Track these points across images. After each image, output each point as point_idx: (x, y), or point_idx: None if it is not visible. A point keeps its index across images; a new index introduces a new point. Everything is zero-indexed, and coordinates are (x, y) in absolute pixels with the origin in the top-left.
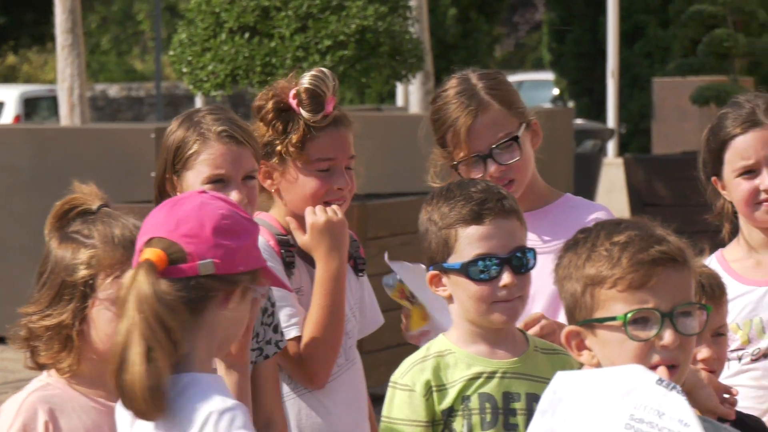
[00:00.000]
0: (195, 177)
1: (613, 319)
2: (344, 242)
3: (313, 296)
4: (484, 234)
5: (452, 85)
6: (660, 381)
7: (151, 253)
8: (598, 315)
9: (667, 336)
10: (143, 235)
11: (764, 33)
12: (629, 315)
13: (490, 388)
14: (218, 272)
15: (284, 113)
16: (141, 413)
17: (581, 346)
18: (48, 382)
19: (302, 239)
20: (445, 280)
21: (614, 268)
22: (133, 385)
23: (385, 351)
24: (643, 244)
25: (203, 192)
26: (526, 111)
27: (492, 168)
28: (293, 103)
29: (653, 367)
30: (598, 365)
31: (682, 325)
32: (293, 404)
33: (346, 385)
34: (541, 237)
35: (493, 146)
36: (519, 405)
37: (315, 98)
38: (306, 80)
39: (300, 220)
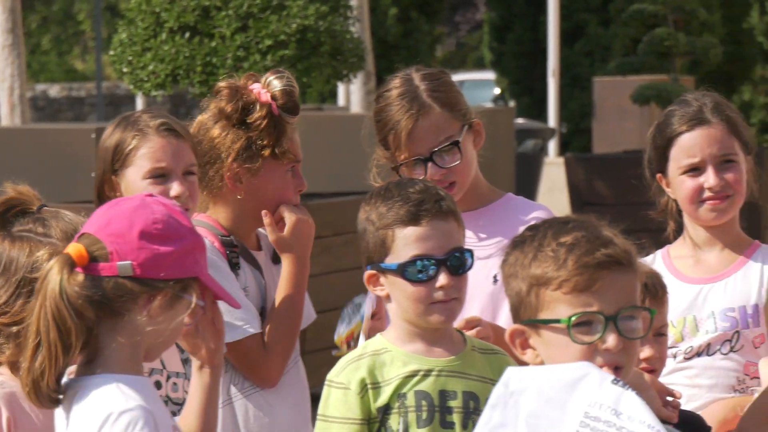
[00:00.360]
0: (135, 173)
1: (558, 321)
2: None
3: (280, 293)
4: (421, 235)
5: (395, 85)
6: (616, 381)
7: (73, 248)
8: (543, 316)
9: (611, 340)
10: (82, 231)
11: (705, 32)
12: (573, 318)
13: (426, 385)
14: (138, 275)
15: (272, 117)
16: (33, 403)
17: (525, 345)
18: (2, 380)
19: (278, 236)
20: (382, 279)
21: (560, 269)
22: (22, 376)
23: (327, 351)
24: (590, 247)
25: (150, 195)
26: (469, 112)
27: (432, 171)
28: (273, 105)
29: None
30: (542, 365)
31: (626, 329)
32: (240, 405)
33: (291, 383)
34: (479, 236)
35: (434, 150)
36: (455, 403)
37: (292, 99)
38: (277, 83)
39: (238, 223)
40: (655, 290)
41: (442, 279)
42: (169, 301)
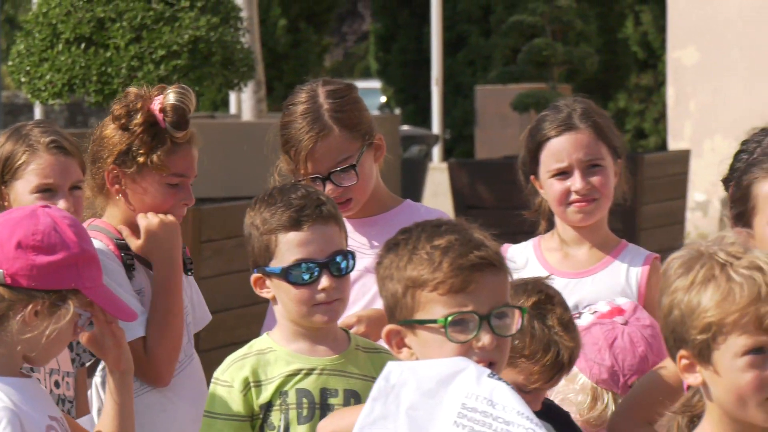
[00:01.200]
0: (24, 186)
1: (434, 321)
2: (177, 244)
3: (153, 297)
4: (303, 240)
5: (300, 100)
6: (492, 374)
7: None
8: (419, 316)
9: (485, 338)
10: None
11: (581, 42)
12: (450, 318)
13: (307, 384)
14: (9, 284)
15: (152, 126)
16: None
17: (401, 344)
18: None
19: (136, 244)
20: (268, 282)
21: (435, 272)
22: None
23: (222, 349)
24: (463, 250)
25: (45, 206)
26: (371, 129)
27: (330, 189)
28: (159, 117)
29: None
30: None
31: (499, 327)
32: (137, 403)
33: (187, 380)
34: (372, 243)
35: (332, 170)
36: (336, 401)
37: (181, 115)
38: (172, 96)
39: (132, 226)
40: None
41: (324, 281)
42: (48, 309)
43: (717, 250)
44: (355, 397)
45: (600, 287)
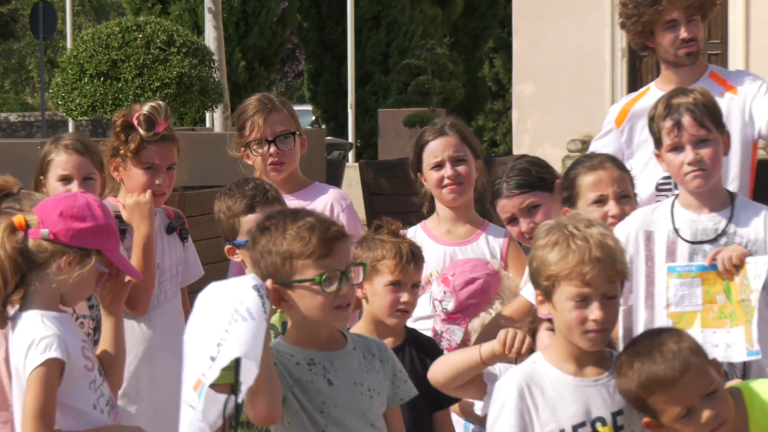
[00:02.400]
0: (52, 175)
1: (312, 280)
2: (150, 215)
3: (132, 251)
4: (257, 219)
5: (255, 97)
6: (255, 287)
7: (16, 218)
8: (297, 278)
9: (345, 287)
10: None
11: (452, 79)
12: (324, 276)
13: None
14: (53, 240)
15: (128, 128)
16: None
17: (279, 299)
18: None
19: (124, 214)
20: (238, 251)
21: (308, 245)
22: None
23: (197, 292)
24: (323, 227)
25: (83, 192)
26: (300, 126)
27: (273, 150)
28: (135, 122)
29: (336, 308)
30: (298, 314)
31: (352, 279)
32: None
33: (163, 314)
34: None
35: (278, 134)
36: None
37: (149, 121)
38: (145, 108)
39: None
40: (413, 255)
41: None
42: (77, 261)
43: (568, 223)
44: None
45: (478, 253)
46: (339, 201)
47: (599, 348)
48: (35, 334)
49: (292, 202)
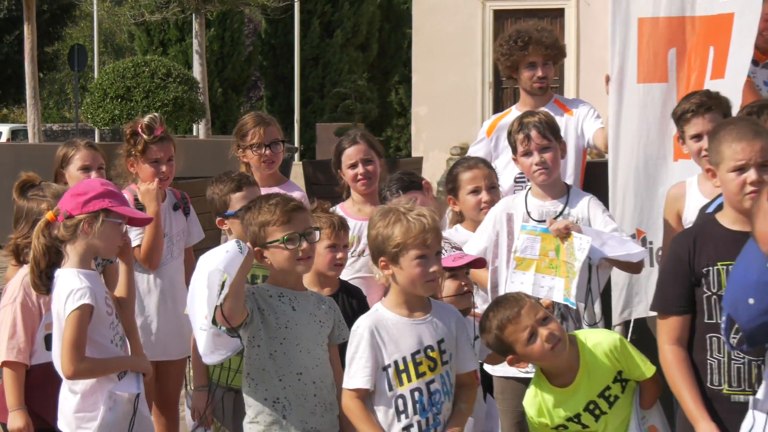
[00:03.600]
0: (73, 167)
1: (278, 241)
2: (157, 198)
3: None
4: (243, 195)
5: (252, 114)
6: (237, 241)
7: (48, 214)
8: (269, 240)
9: (303, 245)
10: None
11: (369, 102)
12: (285, 237)
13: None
14: (70, 215)
15: (134, 135)
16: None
17: (260, 257)
18: (26, 272)
19: (140, 197)
20: (227, 222)
21: (274, 215)
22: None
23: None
24: (285, 202)
25: (89, 177)
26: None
27: (268, 153)
28: (139, 130)
29: (299, 260)
30: (273, 267)
31: (310, 240)
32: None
33: (169, 269)
34: None
35: (273, 141)
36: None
37: (149, 128)
38: (145, 119)
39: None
40: (342, 225)
41: None
42: (91, 222)
43: (398, 206)
44: None
45: None
46: (302, 195)
47: (432, 294)
48: (73, 286)
49: (274, 191)
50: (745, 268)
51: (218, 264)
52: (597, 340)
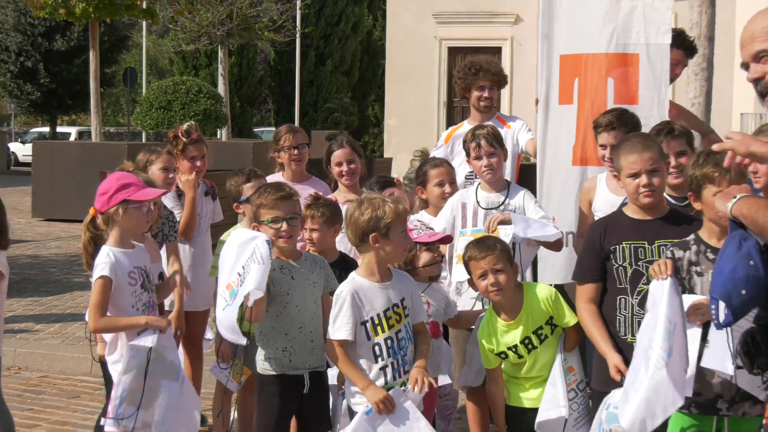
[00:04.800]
0: (155, 168)
1: (266, 221)
2: (193, 186)
3: (185, 206)
4: (253, 186)
5: (286, 126)
6: (267, 241)
7: (91, 210)
8: (261, 219)
9: (284, 225)
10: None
11: (351, 115)
12: (269, 219)
13: None
14: (100, 211)
15: (176, 138)
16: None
17: (257, 230)
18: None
19: (181, 185)
20: (241, 207)
21: (265, 200)
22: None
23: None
24: (275, 191)
25: (110, 173)
26: (309, 142)
27: (296, 153)
28: (180, 134)
29: (280, 238)
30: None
31: (291, 223)
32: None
33: (200, 241)
34: (302, 195)
35: (300, 143)
36: None
37: (187, 133)
38: (184, 126)
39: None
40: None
41: None
42: (117, 212)
43: (373, 197)
44: None
45: None
46: (326, 189)
47: (404, 260)
48: (100, 260)
49: (299, 186)
50: (733, 265)
51: (257, 284)
52: (538, 289)
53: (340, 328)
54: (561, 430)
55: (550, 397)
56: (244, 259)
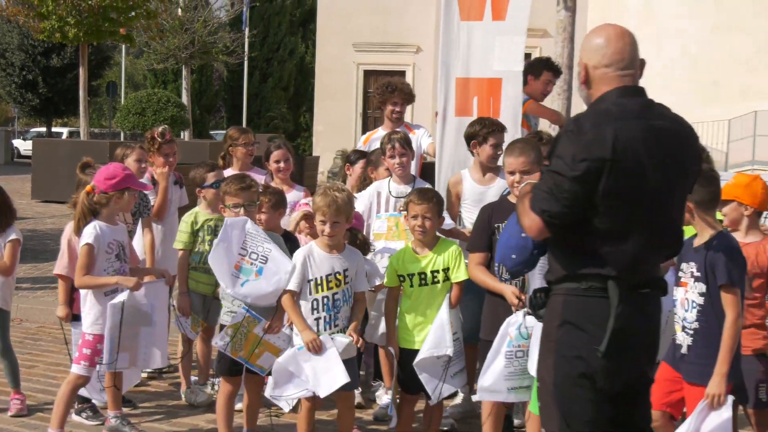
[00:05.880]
0: (130, 161)
1: (228, 206)
2: (166, 178)
3: (158, 192)
4: (214, 175)
5: (236, 128)
6: (252, 222)
7: (88, 186)
8: (225, 204)
9: (241, 212)
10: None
11: (288, 122)
12: (230, 205)
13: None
14: (101, 192)
15: (152, 139)
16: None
17: (222, 212)
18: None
19: (156, 177)
20: (203, 191)
21: (228, 189)
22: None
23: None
24: (239, 181)
25: (114, 164)
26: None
27: (250, 149)
28: (155, 135)
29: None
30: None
31: (248, 209)
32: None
33: (169, 221)
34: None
35: (252, 143)
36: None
37: (162, 134)
38: (159, 128)
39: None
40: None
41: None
42: (119, 196)
43: (331, 186)
44: None
45: (296, 198)
46: (266, 176)
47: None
48: (87, 231)
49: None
50: (508, 236)
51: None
52: (449, 244)
53: (292, 281)
54: (441, 370)
55: (437, 338)
56: (239, 242)
